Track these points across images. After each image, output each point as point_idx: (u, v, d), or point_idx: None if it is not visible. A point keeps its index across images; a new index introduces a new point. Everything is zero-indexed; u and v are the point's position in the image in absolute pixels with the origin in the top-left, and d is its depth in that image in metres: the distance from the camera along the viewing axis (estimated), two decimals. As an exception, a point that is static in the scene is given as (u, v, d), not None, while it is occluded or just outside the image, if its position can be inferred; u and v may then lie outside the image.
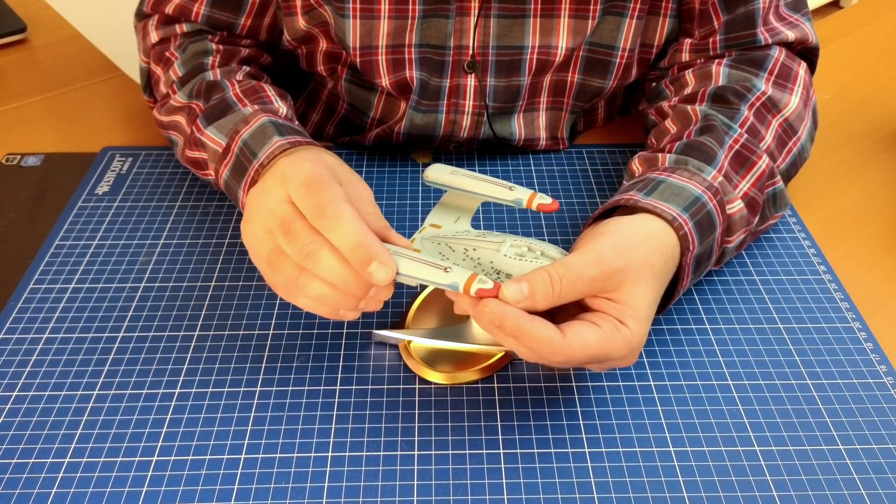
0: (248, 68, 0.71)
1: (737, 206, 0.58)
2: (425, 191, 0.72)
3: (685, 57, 0.72)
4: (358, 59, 0.69)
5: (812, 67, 0.73)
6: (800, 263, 0.65)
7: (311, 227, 0.49)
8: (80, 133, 0.81)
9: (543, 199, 0.54)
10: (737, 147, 0.61)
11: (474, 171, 0.61)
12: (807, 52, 0.72)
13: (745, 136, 0.62)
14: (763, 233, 0.67)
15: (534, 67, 0.70)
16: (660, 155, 0.62)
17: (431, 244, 0.55)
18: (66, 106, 0.86)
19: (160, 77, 0.71)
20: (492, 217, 0.69)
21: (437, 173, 0.57)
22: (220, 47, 0.71)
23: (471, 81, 0.70)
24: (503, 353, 0.56)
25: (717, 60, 0.69)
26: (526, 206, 0.54)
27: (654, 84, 0.76)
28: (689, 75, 0.71)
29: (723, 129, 0.62)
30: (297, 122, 0.64)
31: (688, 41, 0.72)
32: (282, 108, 0.64)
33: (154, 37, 0.72)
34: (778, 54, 0.69)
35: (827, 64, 0.95)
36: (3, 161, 0.77)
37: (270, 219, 0.50)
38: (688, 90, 0.69)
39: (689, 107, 0.66)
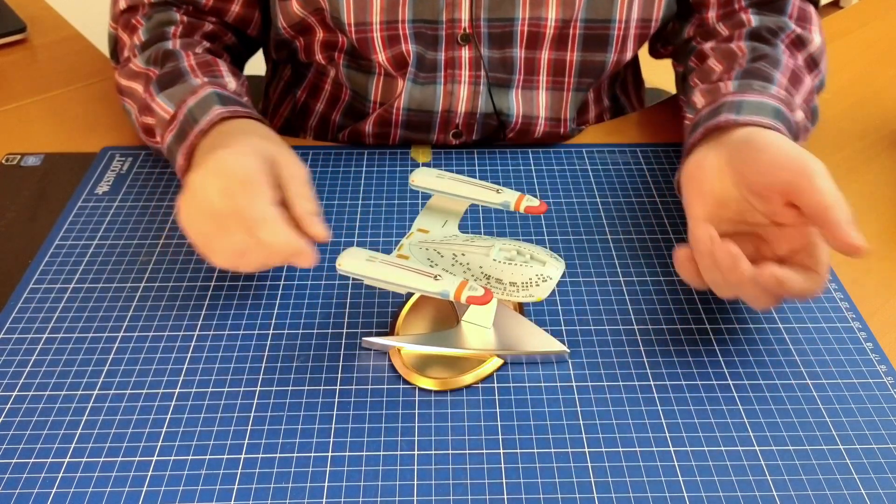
0: (208, 44, 0.73)
1: (800, 116, 0.63)
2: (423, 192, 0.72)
3: (710, 15, 0.76)
4: (354, 37, 0.70)
5: (816, 7, 0.78)
6: (800, 263, 0.65)
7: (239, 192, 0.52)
8: (80, 133, 0.81)
9: (531, 202, 0.54)
10: (791, 68, 0.66)
11: (473, 172, 0.61)
12: None
13: (791, 60, 0.67)
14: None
15: (525, 39, 0.72)
16: (720, 84, 0.65)
17: (419, 250, 0.55)
18: (66, 106, 0.86)
19: (125, 43, 0.73)
20: (492, 219, 0.69)
21: (424, 177, 0.57)
22: (185, 19, 0.73)
23: (465, 53, 0.72)
24: (494, 358, 0.56)
25: (742, 10, 0.74)
26: (514, 208, 0.54)
27: (683, 43, 0.79)
28: (721, 26, 0.75)
29: (773, 55, 0.67)
30: (245, 99, 0.67)
31: (713, 3, 0.75)
32: (231, 82, 0.67)
33: (123, 3, 0.75)
34: None
35: (827, 64, 0.95)
36: (3, 161, 0.77)
37: (203, 209, 0.53)
38: (725, 33, 0.74)
39: (731, 44, 0.71)
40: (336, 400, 0.54)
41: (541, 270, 0.52)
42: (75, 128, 0.82)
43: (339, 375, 0.55)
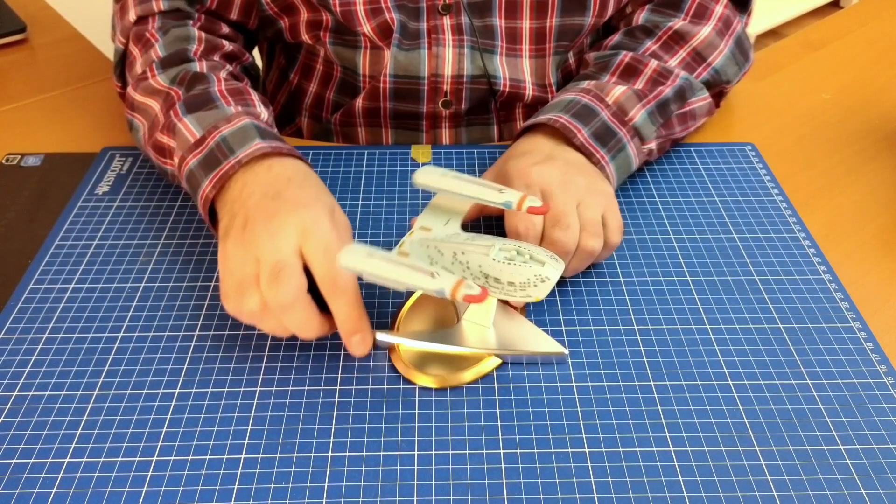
0: (230, 67, 0.71)
1: (618, 92, 0.68)
2: (425, 191, 0.72)
3: (628, 9, 0.79)
4: (338, 10, 0.72)
5: (742, 7, 0.78)
6: (800, 263, 0.65)
7: (298, 282, 0.51)
8: (80, 133, 0.81)
9: (533, 202, 0.54)
10: (625, 63, 0.71)
11: (473, 171, 0.60)
12: None
13: (633, 55, 0.72)
14: (696, 116, 0.74)
15: (504, 8, 0.74)
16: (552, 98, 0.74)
17: (420, 247, 0.55)
18: (66, 106, 0.86)
19: (137, 58, 0.71)
20: (492, 218, 0.69)
21: (427, 176, 0.57)
22: (202, 35, 0.72)
23: (447, 21, 0.74)
24: (492, 357, 0.56)
25: (640, 8, 0.77)
26: (516, 208, 0.54)
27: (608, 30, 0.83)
28: (621, 23, 0.79)
29: (608, 60, 0.72)
30: (275, 130, 0.65)
31: None
32: (263, 113, 0.65)
33: (132, 15, 0.73)
34: None
35: (827, 64, 0.95)
36: (3, 161, 0.77)
37: (268, 255, 0.52)
38: (609, 36, 0.78)
39: (589, 54, 0.77)
40: (336, 400, 0.54)
41: (539, 271, 0.52)
42: (75, 128, 0.82)
43: (339, 375, 0.55)
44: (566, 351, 0.56)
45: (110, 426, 0.52)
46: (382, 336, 0.57)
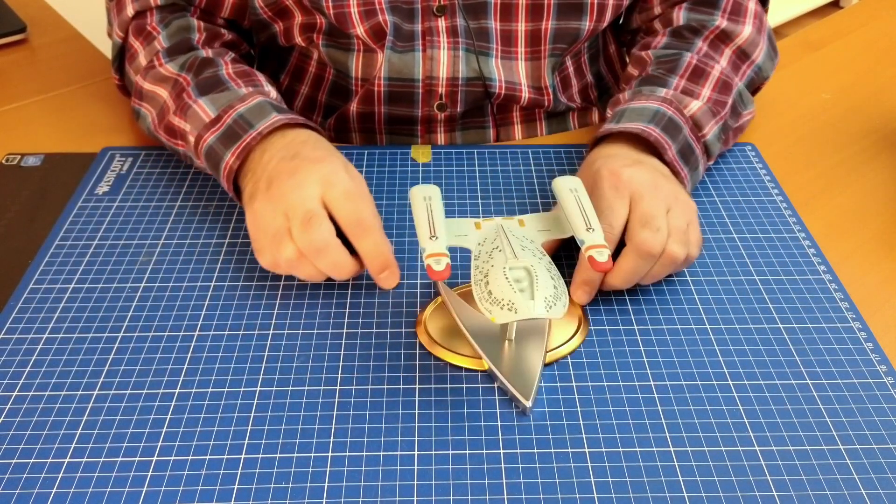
0: (233, 54, 0.74)
1: (695, 107, 0.69)
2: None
3: (656, 10, 0.80)
4: (332, 12, 0.72)
5: (764, 1, 0.81)
6: (800, 263, 0.65)
7: (327, 226, 0.57)
8: (80, 133, 0.81)
9: (601, 255, 0.54)
10: (692, 65, 0.72)
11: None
12: None
13: (697, 57, 0.72)
14: (742, 130, 0.76)
15: (499, 10, 0.74)
16: (620, 95, 0.73)
17: (492, 230, 0.57)
18: (66, 106, 0.86)
19: (138, 50, 0.74)
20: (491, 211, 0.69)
21: (563, 183, 0.60)
22: (202, 24, 0.75)
23: (442, 23, 0.74)
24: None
25: (677, 7, 0.78)
26: (583, 250, 0.55)
27: (634, 32, 0.84)
28: (657, 24, 0.80)
29: (674, 59, 0.72)
30: (285, 105, 0.69)
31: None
32: (272, 91, 0.69)
33: (130, 10, 0.75)
34: None
35: (827, 64, 0.95)
36: (3, 161, 0.77)
37: (296, 206, 0.57)
38: (656, 32, 0.79)
39: (643, 53, 0.76)
40: (336, 400, 0.54)
41: (517, 299, 0.50)
42: (75, 128, 0.82)
43: (339, 375, 0.55)
44: (528, 404, 0.53)
45: (110, 426, 0.52)
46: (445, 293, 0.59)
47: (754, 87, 0.78)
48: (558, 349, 0.57)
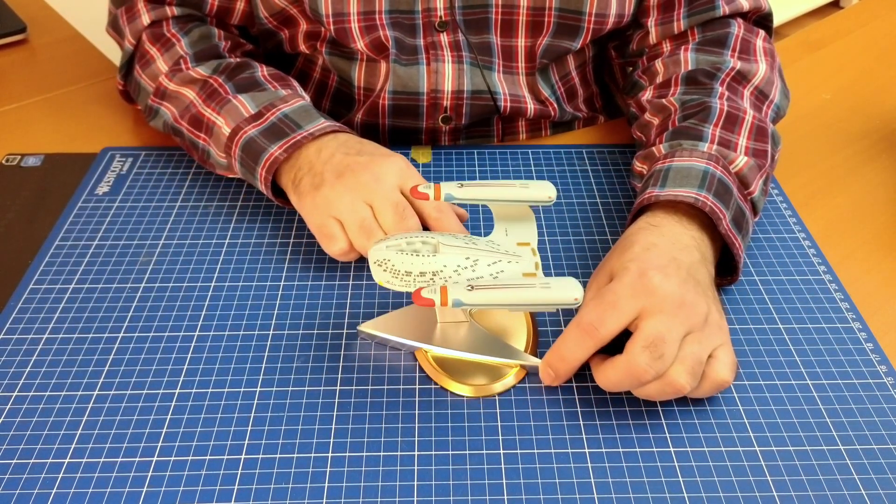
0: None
1: (741, 162, 0.63)
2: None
3: (652, 39, 0.76)
4: (332, 28, 0.72)
5: (769, 33, 0.77)
6: (800, 263, 0.65)
7: (416, 216, 0.61)
8: (80, 133, 0.81)
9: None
10: (724, 112, 0.66)
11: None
12: (761, 20, 0.77)
13: (724, 102, 0.67)
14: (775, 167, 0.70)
15: (500, 26, 0.74)
16: (653, 148, 0.66)
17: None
18: (66, 106, 0.86)
19: (155, 56, 0.74)
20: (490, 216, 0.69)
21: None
22: (222, 32, 0.76)
23: (444, 38, 0.74)
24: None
25: (683, 46, 0.74)
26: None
27: (629, 75, 0.80)
28: (659, 64, 0.74)
29: (706, 105, 0.66)
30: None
31: (652, 21, 0.75)
32: (306, 97, 0.71)
33: (146, 18, 0.75)
34: (737, 30, 0.73)
35: (827, 64, 0.95)
36: (3, 161, 0.77)
37: (381, 197, 0.60)
38: (660, 79, 0.73)
39: (663, 100, 0.70)
40: (336, 400, 0.54)
41: (416, 262, 0.52)
42: (75, 128, 0.82)
43: (340, 376, 0.55)
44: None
45: (110, 426, 0.52)
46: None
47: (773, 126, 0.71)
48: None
